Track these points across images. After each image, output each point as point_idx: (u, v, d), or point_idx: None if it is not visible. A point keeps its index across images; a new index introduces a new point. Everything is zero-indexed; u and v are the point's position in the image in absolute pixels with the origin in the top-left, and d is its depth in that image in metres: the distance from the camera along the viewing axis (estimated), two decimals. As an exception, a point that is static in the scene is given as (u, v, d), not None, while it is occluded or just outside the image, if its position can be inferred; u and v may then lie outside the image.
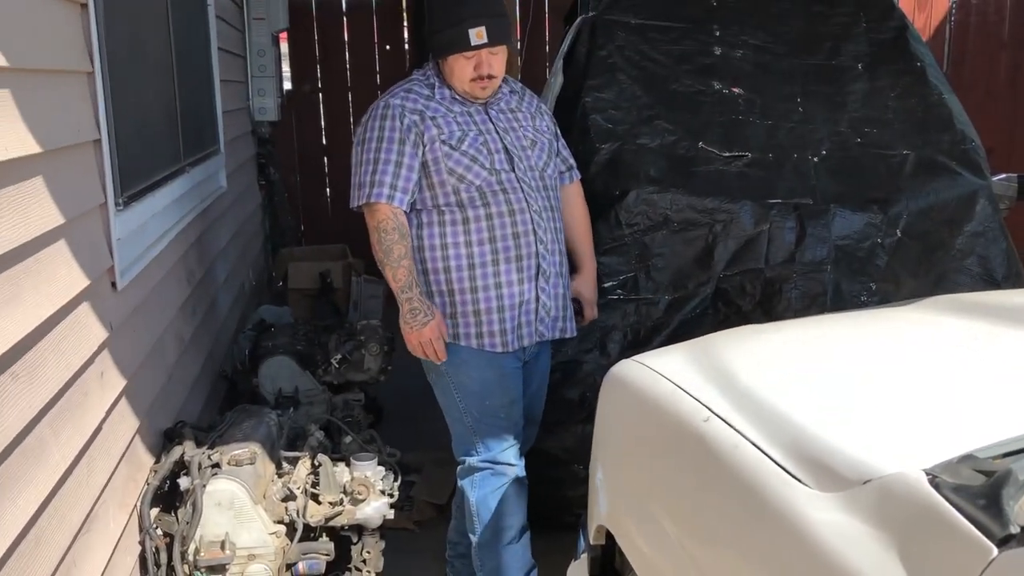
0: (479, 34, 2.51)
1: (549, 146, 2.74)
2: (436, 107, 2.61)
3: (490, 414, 2.67)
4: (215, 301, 3.93)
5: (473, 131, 2.60)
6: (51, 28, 2.08)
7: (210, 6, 4.12)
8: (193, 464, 2.58)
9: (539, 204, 2.63)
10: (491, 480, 2.71)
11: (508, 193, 2.59)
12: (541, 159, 2.69)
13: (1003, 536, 1.00)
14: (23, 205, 1.83)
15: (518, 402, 2.71)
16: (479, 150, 2.58)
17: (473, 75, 2.56)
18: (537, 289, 2.63)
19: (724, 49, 3.48)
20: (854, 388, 1.66)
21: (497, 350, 2.63)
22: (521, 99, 2.77)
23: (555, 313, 2.70)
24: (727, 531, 1.51)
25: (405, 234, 2.55)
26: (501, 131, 2.64)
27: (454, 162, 2.56)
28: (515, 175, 2.60)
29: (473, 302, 2.60)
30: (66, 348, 2.03)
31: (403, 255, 2.53)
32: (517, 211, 2.59)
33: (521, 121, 2.70)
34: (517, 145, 2.65)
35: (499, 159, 2.60)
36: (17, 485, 1.74)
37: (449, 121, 2.59)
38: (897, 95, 3.46)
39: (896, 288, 3.10)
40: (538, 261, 2.62)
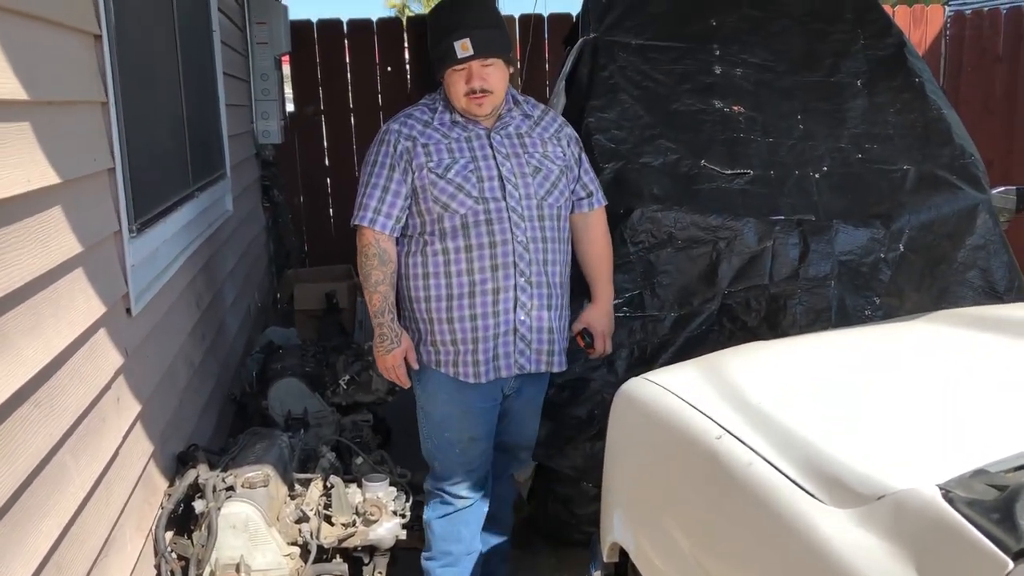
0: (464, 46, 2.50)
1: (559, 174, 2.68)
2: (431, 134, 2.60)
3: (447, 446, 2.69)
4: (223, 324, 3.96)
5: (465, 158, 2.58)
6: (67, 60, 2.12)
7: (215, 32, 4.17)
8: (208, 487, 2.60)
9: (527, 235, 2.59)
10: (440, 506, 2.76)
11: (492, 224, 2.56)
12: (543, 187, 2.64)
13: (1018, 550, 1.02)
14: (44, 235, 1.86)
15: (481, 440, 2.70)
16: (467, 178, 2.56)
17: (466, 89, 2.54)
18: (515, 322, 2.60)
19: (724, 68, 3.52)
20: (864, 403, 1.69)
21: (470, 381, 2.62)
22: (536, 123, 2.72)
23: (537, 346, 2.65)
24: (742, 548, 1.53)
25: (386, 260, 2.57)
26: (500, 157, 2.60)
27: (439, 190, 2.55)
28: (505, 204, 2.57)
29: (450, 332, 2.60)
30: (85, 375, 2.05)
31: (380, 281, 2.56)
32: (499, 243, 2.56)
33: (528, 147, 2.66)
34: (516, 172, 2.61)
35: (490, 187, 2.57)
36: (40, 511, 1.76)
37: (440, 148, 2.58)
38: (896, 111, 3.50)
39: (900, 302, 3.12)
40: (516, 294, 2.58)
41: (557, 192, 2.67)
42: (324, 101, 6.98)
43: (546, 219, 2.64)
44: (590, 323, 2.79)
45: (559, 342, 2.72)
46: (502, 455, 2.86)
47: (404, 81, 7.00)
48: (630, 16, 3.57)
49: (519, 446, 2.88)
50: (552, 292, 2.65)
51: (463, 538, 2.76)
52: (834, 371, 1.93)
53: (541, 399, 2.86)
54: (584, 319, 2.79)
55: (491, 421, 2.72)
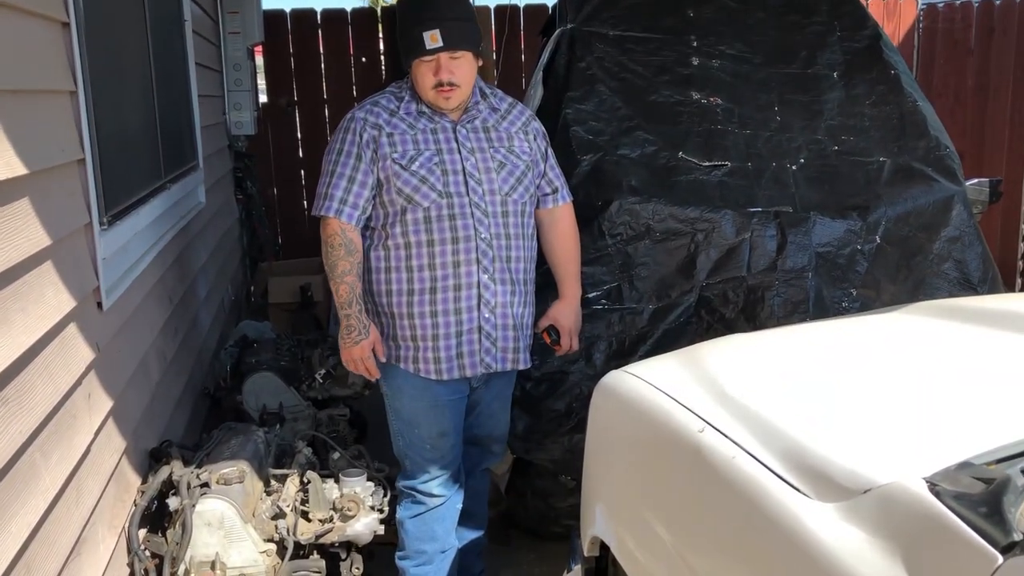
0: (433, 37, 2.44)
1: (524, 169, 2.64)
2: (396, 123, 2.55)
3: (417, 443, 2.67)
4: (196, 318, 3.91)
5: (430, 150, 2.53)
6: (33, 48, 2.07)
7: (187, 21, 4.10)
8: (182, 484, 2.56)
9: (491, 231, 2.55)
10: (412, 506, 2.73)
11: (455, 219, 2.52)
12: (507, 183, 2.59)
13: (1007, 544, 1.01)
14: (10, 227, 1.81)
15: (450, 434, 2.68)
16: (431, 171, 2.52)
17: (433, 82, 2.49)
18: (480, 319, 2.57)
19: (702, 59, 3.51)
20: (846, 396, 1.68)
21: (432, 377, 2.59)
22: (503, 117, 2.67)
23: (503, 344, 2.62)
24: (726, 542, 1.52)
25: (353, 251, 2.53)
26: (465, 151, 2.56)
27: (403, 182, 2.50)
28: (469, 199, 2.53)
29: (411, 327, 2.57)
30: (54, 371, 2.01)
31: (346, 271, 2.52)
32: (462, 239, 2.52)
33: (494, 141, 2.62)
34: (480, 167, 2.57)
35: (454, 180, 2.53)
36: (9, 511, 1.72)
37: (406, 139, 2.53)
38: (872, 103, 3.51)
39: (876, 294, 3.14)
40: (479, 291, 2.55)
41: (522, 188, 2.63)
42: (297, 92, 6.91)
43: (510, 215, 2.60)
44: (557, 319, 2.74)
45: (523, 339, 2.69)
46: (474, 449, 2.84)
47: (378, 72, 6.94)
48: (607, 7, 3.56)
49: (491, 438, 2.86)
50: (516, 289, 2.62)
51: (437, 536, 2.74)
52: (816, 363, 1.93)
53: (510, 391, 2.84)
54: (551, 315, 2.75)
55: (459, 413, 2.70)
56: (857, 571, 1.16)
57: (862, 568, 1.16)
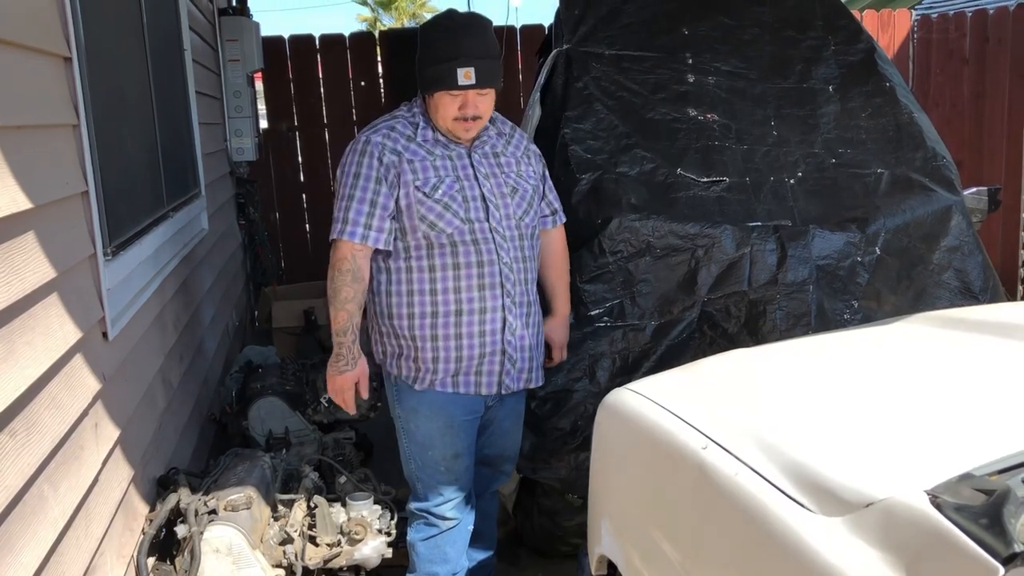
0: (467, 74, 2.44)
1: (533, 192, 2.68)
2: (416, 150, 2.54)
3: (431, 465, 2.65)
4: (201, 344, 3.92)
5: (450, 177, 2.54)
6: (36, 83, 2.09)
7: (187, 51, 4.14)
8: (189, 511, 2.56)
9: (511, 255, 2.58)
10: (424, 528, 2.71)
11: (479, 244, 2.53)
12: (520, 207, 2.62)
13: (1008, 555, 1.02)
14: (16, 262, 1.83)
15: (464, 455, 2.66)
16: (453, 198, 2.52)
17: (458, 115, 2.49)
18: (503, 343, 2.59)
19: (697, 76, 3.54)
20: (848, 409, 1.69)
21: (448, 390, 2.59)
22: (508, 142, 2.69)
23: (521, 365, 2.66)
24: (731, 558, 1.53)
25: (359, 278, 2.51)
26: (481, 177, 2.57)
27: (427, 209, 2.50)
28: (489, 225, 2.55)
29: (433, 349, 2.56)
30: (61, 402, 2.02)
31: (349, 298, 2.50)
32: (486, 263, 2.54)
33: (504, 167, 2.63)
34: (496, 193, 2.58)
35: (475, 207, 2.54)
36: (20, 542, 1.73)
37: (427, 166, 2.53)
38: (868, 115, 3.53)
39: (878, 305, 3.15)
40: (504, 314, 2.57)
41: (532, 212, 2.67)
42: (298, 117, 6.95)
43: (524, 238, 2.63)
44: (550, 336, 2.82)
45: (537, 358, 2.74)
46: (485, 469, 2.83)
47: (378, 95, 6.99)
48: (603, 27, 3.59)
49: (503, 458, 2.85)
50: (532, 310, 2.68)
51: (449, 558, 2.72)
52: (817, 378, 1.94)
53: (522, 408, 2.86)
54: (545, 332, 2.79)
55: (472, 434, 2.69)
56: (861, 585, 1.17)
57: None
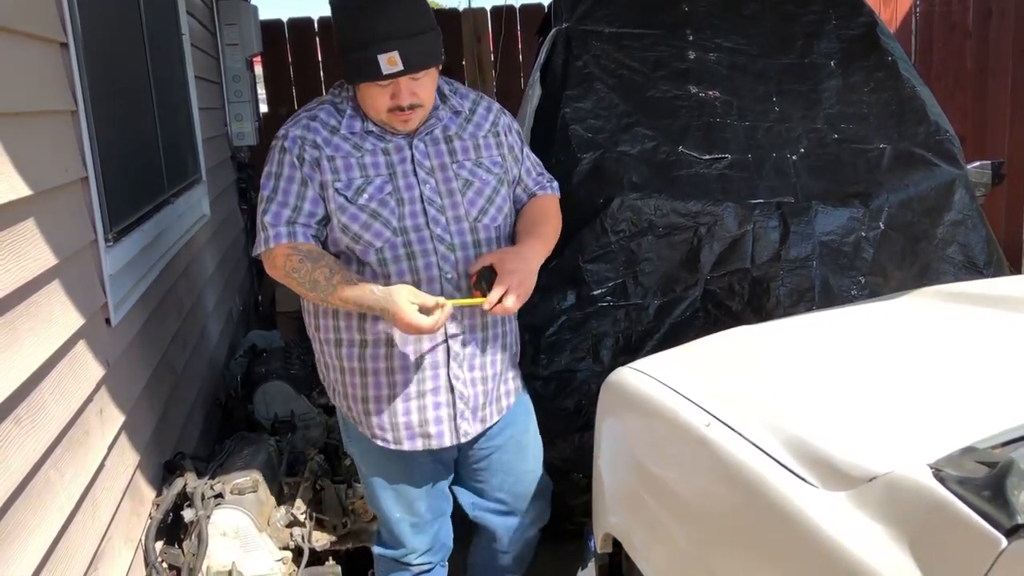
0: (390, 60, 1.95)
1: (496, 184, 2.17)
2: (339, 144, 2.08)
3: (386, 511, 2.28)
4: (205, 329, 3.93)
5: (381, 176, 2.07)
6: (33, 69, 2.09)
7: (185, 35, 4.12)
8: (196, 495, 2.58)
9: (458, 269, 2.09)
10: (394, 572, 2.37)
11: (415, 258, 2.06)
12: (475, 205, 2.12)
13: (1011, 527, 1.02)
14: (17, 249, 1.83)
15: (425, 498, 2.26)
16: (384, 202, 2.05)
17: (390, 105, 2.02)
18: (449, 377, 2.12)
19: (698, 53, 3.52)
20: (851, 384, 1.69)
21: (390, 447, 2.16)
22: (468, 120, 2.19)
23: (476, 402, 2.17)
24: (735, 534, 1.53)
25: (317, 255, 2.03)
26: (423, 172, 2.09)
27: (348, 217, 2.04)
28: (429, 232, 2.07)
29: (362, 386, 2.13)
30: (66, 388, 2.03)
31: (330, 274, 1.99)
32: (424, 280, 2.06)
33: (458, 153, 2.14)
34: (441, 190, 2.10)
35: (411, 211, 2.07)
36: (27, 528, 1.74)
37: (350, 164, 2.07)
38: (871, 90, 3.51)
39: (884, 280, 3.13)
40: (447, 344, 2.10)
41: (494, 209, 2.16)
42: (297, 101, 6.93)
43: (482, 244, 2.13)
44: (501, 259, 2.04)
45: (507, 382, 2.25)
46: (495, 518, 2.38)
47: (377, 77, 6.95)
48: (602, 4, 3.57)
49: (516, 496, 2.36)
50: (493, 333, 2.18)
51: None
52: (820, 352, 1.93)
53: (525, 435, 2.36)
54: (495, 254, 2.07)
55: (440, 474, 2.28)
56: (864, 558, 1.17)
57: (869, 555, 1.17)
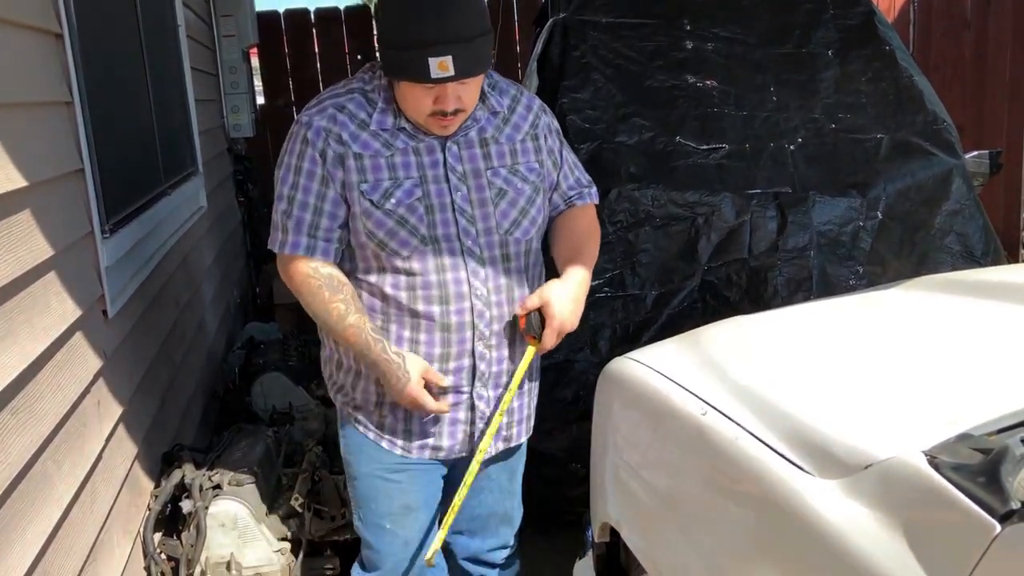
0: (442, 65, 1.79)
1: (532, 194, 2.02)
2: (368, 141, 1.91)
3: (376, 522, 2.12)
4: (203, 321, 3.93)
5: (411, 179, 1.91)
6: (27, 60, 2.08)
7: (181, 27, 4.11)
8: (194, 487, 2.58)
9: (489, 284, 1.96)
10: None
11: (444, 272, 1.93)
12: (508, 217, 1.98)
13: (1005, 512, 1.03)
14: (13, 240, 1.83)
15: (418, 510, 2.12)
16: (412, 208, 1.90)
17: (433, 109, 1.86)
18: (472, 396, 2.02)
19: (695, 43, 3.51)
20: (847, 373, 1.69)
21: (396, 452, 2.06)
22: (505, 121, 2.03)
23: (504, 419, 2.07)
24: (731, 522, 1.53)
25: (338, 285, 1.92)
26: (455, 178, 1.94)
27: (375, 223, 1.90)
28: (459, 244, 1.93)
29: (376, 393, 2.01)
30: (63, 380, 2.03)
31: (344, 313, 1.90)
32: (453, 297, 1.93)
33: (493, 159, 1.99)
34: (473, 199, 1.95)
35: (442, 219, 1.92)
36: (24, 519, 1.74)
37: (379, 164, 1.91)
38: (868, 79, 3.50)
39: (882, 270, 3.14)
40: (474, 361, 1.98)
41: (527, 221, 2.01)
42: (294, 92, 6.93)
43: (512, 258, 2.00)
44: (549, 302, 1.96)
45: (527, 407, 2.18)
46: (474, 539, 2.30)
47: (375, 69, 6.94)
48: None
49: (495, 516, 2.30)
50: (519, 351, 2.04)
51: None
52: (817, 342, 1.94)
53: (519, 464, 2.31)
54: (543, 296, 1.97)
55: (434, 484, 2.14)
56: (859, 545, 1.18)
57: (864, 542, 1.17)
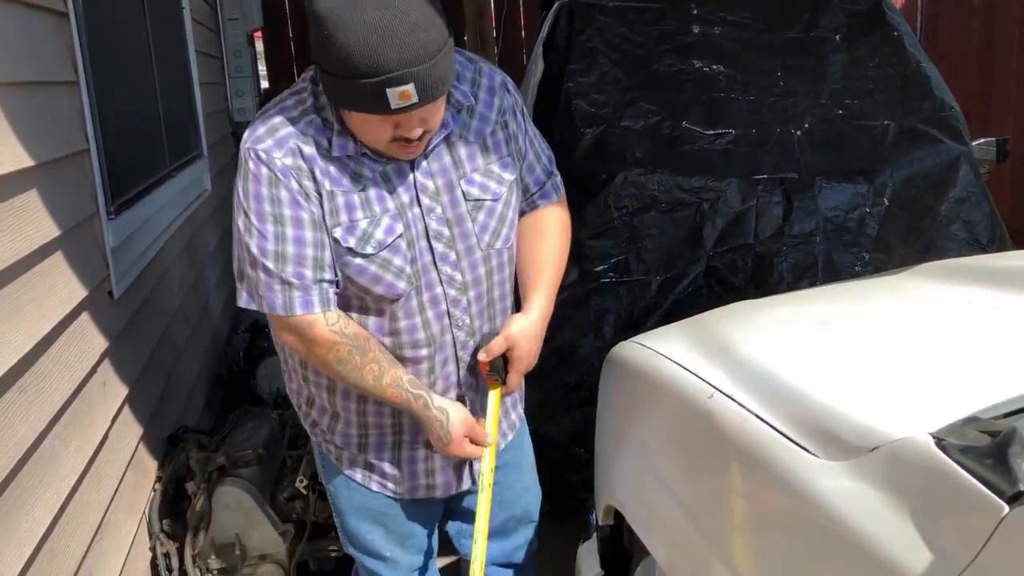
0: (403, 95, 1.51)
1: (508, 194, 1.80)
2: (336, 175, 1.64)
3: (374, 556, 1.99)
4: (207, 304, 3.93)
5: (389, 214, 1.68)
6: (33, 40, 2.08)
7: (185, 9, 4.10)
8: (199, 469, 2.59)
9: (471, 311, 1.80)
10: None
11: (425, 310, 1.75)
12: (487, 229, 1.78)
13: (1012, 494, 1.02)
14: (20, 220, 1.83)
15: (416, 536, 1.99)
16: (395, 248, 1.68)
17: (394, 135, 1.60)
18: None
19: (702, 27, 3.49)
20: (853, 356, 1.69)
21: (387, 494, 1.91)
22: (472, 113, 1.76)
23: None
24: (737, 505, 1.53)
25: (365, 345, 1.70)
26: (427, 199, 1.71)
27: (354, 271, 1.68)
28: (436, 275, 1.74)
29: (359, 436, 1.86)
30: (69, 360, 2.03)
31: (380, 374, 1.71)
32: (437, 334, 1.77)
33: (464, 164, 1.75)
34: (450, 218, 1.73)
35: (420, 249, 1.72)
36: (33, 496, 1.75)
37: (351, 202, 1.65)
38: (876, 65, 3.49)
39: (888, 257, 3.13)
40: (461, 392, 1.86)
41: (506, 228, 1.81)
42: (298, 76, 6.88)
43: (495, 272, 1.82)
44: (514, 343, 1.81)
45: (516, 407, 2.06)
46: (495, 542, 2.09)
47: (379, 53, 6.92)
48: (606, -23, 3.53)
49: (514, 519, 2.14)
50: None
51: None
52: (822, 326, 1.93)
53: (527, 455, 2.15)
54: (509, 338, 1.81)
55: (432, 510, 2.02)
56: (866, 527, 1.18)
57: (871, 524, 1.17)
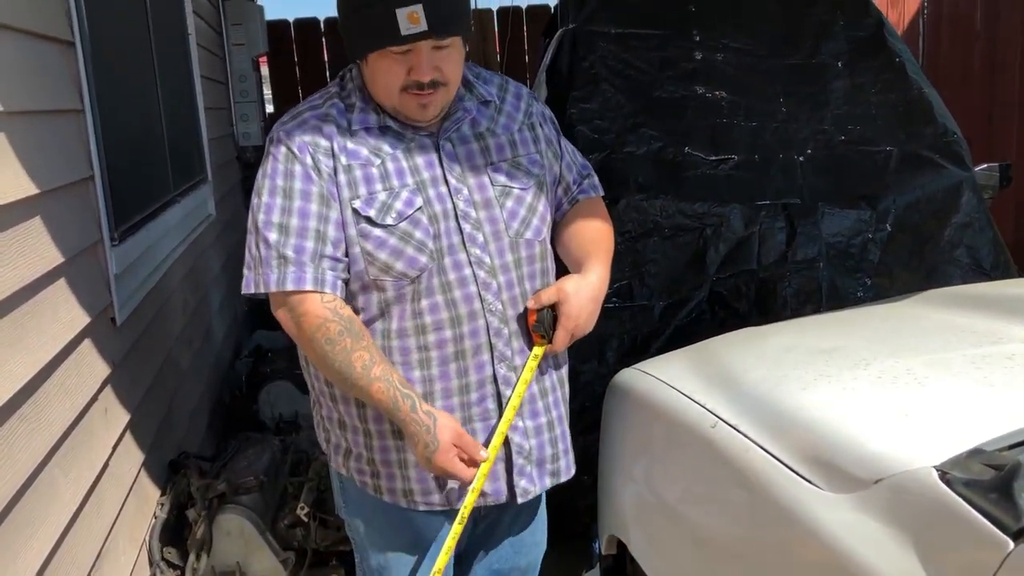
0: (412, 17, 1.55)
1: (538, 188, 1.77)
2: (355, 149, 1.65)
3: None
4: (210, 329, 3.93)
5: (408, 188, 1.65)
6: (39, 68, 2.09)
7: (191, 35, 4.13)
8: (200, 495, 2.58)
9: (503, 297, 1.70)
10: None
11: (451, 290, 1.66)
12: (516, 217, 1.73)
13: (1017, 529, 1.02)
14: (23, 246, 1.83)
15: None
16: (415, 220, 1.64)
17: (406, 82, 1.61)
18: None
19: (705, 53, 3.51)
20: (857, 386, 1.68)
21: (420, 509, 1.75)
22: (499, 110, 1.78)
23: (539, 455, 1.79)
24: (740, 536, 1.52)
25: (358, 331, 1.62)
26: (454, 179, 1.69)
27: (374, 244, 1.63)
28: (465, 255, 1.68)
29: (382, 449, 1.71)
30: (70, 387, 2.03)
31: (369, 363, 1.60)
32: (465, 317, 1.67)
33: (492, 153, 1.73)
34: (477, 201, 1.70)
35: (445, 228, 1.67)
36: (32, 526, 1.74)
37: (370, 175, 1.64)
38: (878, 91, 3.50)
39: (891, 282, 3.12)
40: (496, 389, 1.71)
41: (537, 219, 1.76)
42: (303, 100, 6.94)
43: (524, 264, 1.74)
44: (565, 298, 1.71)
45: (564, 439, 1.87)
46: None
47: (384, 78, 6.97)
48: (608, 5, 3.55)
49: (516, 570, 2.01)
50: (545, 366, 1.79)
51: None
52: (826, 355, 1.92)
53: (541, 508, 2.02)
54: (559, 292, 1.72)
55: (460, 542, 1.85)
56: (870, 560, 1.17)
57: (875, 557, 1.16)
